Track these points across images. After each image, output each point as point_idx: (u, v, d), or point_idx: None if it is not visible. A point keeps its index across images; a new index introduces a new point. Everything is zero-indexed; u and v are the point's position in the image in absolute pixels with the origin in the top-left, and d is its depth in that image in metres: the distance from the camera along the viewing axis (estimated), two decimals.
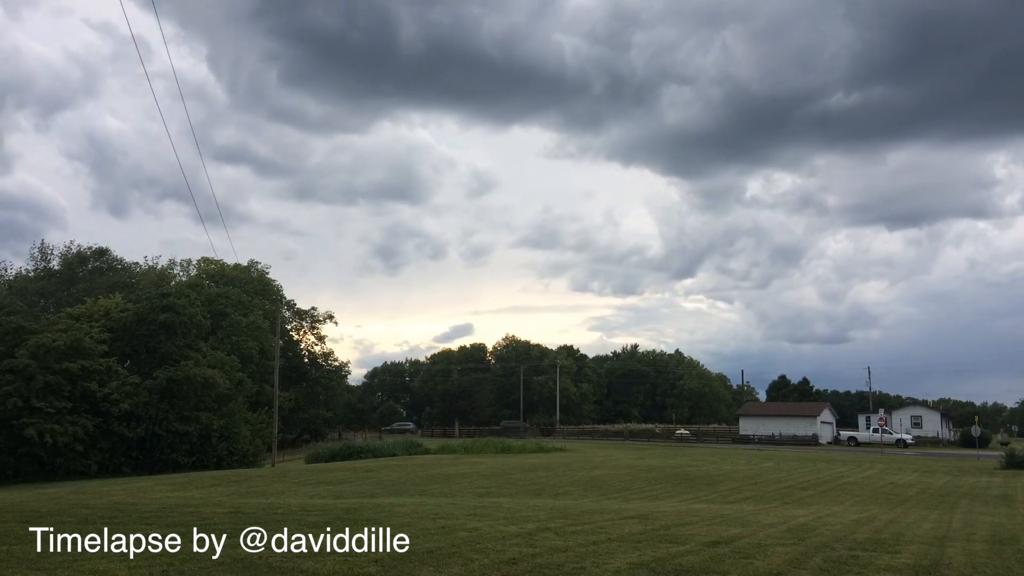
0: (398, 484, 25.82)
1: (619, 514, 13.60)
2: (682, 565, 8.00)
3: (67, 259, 66.45)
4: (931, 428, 75.18)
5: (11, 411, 37.48)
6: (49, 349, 39.17)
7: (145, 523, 10.81)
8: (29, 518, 11.26)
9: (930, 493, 25.11)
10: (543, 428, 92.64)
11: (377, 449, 47.62)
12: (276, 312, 64.08)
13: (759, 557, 8.71)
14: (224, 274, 70.06)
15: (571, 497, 21.10)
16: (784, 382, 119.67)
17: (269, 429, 50.24)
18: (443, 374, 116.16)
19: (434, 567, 7.47)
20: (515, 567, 7.62)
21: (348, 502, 16.38)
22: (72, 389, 39.45)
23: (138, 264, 71.95)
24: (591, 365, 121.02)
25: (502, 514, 12.86)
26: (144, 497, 19.10)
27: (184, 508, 13.59)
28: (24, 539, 8.82)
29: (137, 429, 41.50)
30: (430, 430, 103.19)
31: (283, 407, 59.15)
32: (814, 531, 11.60)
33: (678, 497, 21.93)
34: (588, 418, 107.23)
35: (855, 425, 77.47)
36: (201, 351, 47.57)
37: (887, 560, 8.86)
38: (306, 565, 7.36)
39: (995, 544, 11.19)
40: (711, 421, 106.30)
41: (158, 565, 7.20)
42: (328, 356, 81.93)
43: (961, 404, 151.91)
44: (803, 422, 72.87)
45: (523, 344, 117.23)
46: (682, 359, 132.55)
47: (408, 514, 12.40)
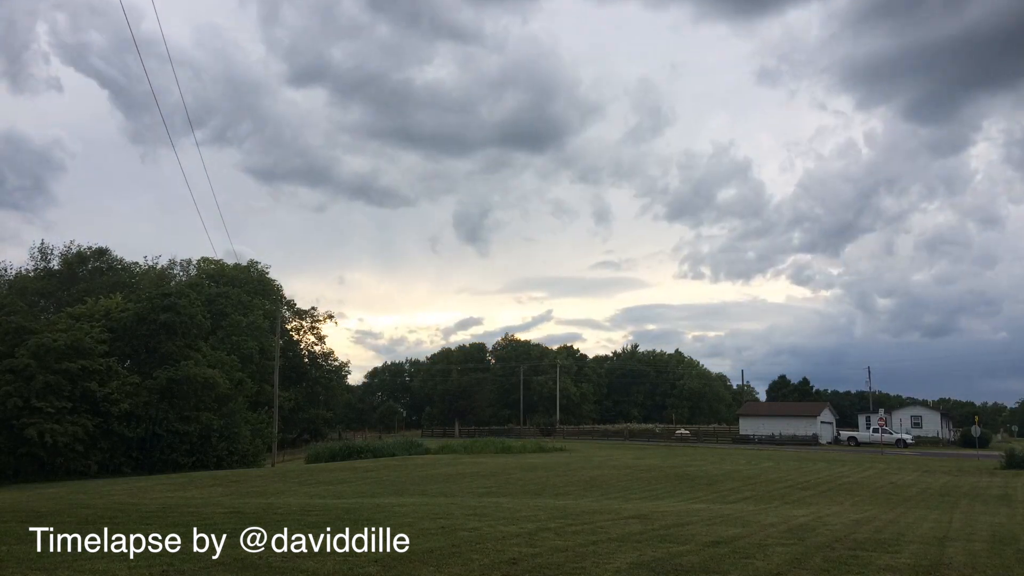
0: (398, 484, 25.83)
1: (619, 514, 13.59)
2: (682, 565, 7.99)
3: (67, 259, 66.40)
4: (931, 428, 75.18)
5: (11, 411, 37.49)
6: (49, 349, 39.18)
7: (145, 523, 10.81)
8: (29, 518, 11.25)
9: (930, 493, 25.10)
10: (543, 428, 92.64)
11: (377, 449, 47.64)
12: (276, 312, 64.12)
13: (759, 557, 8.71)
14: (224, 274, 70.06)
15: (571, 497, 21.10)
16: (784, 382, 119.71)
17: (269, 429, 50.25)
18: (443, 374, 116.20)
19: (434, 567, 7.46)
20: (515, 567, 7.62)
21: (348, 502, 16.39)
22: (72, 389, 39.45)
23: (138, 264, 71.92)
24: (591, 365, 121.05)
25: (502, 514, 12.86)
26: (144, 497, 19.11)
27: (184, 508, 13.59)
28: (24, 539, 8.82)
29: (137, 429, 41.51)
30: (430, 430, 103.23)
31: (283, 407, 59.16)
32: (814, 531, 11.59)
33: (678, 497, 21.92)
34: (588, 418, 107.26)
35: (855, 425, 77.47)
36: (201, 351, 47.58)
37: (887, 560, 8.86)
38: (306, 565, 7.35)
39: (995, 544, 11.19)
40: (711, 421, 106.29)
41: (158, 565, 7.20)
42: (328, 356, 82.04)
43: (961, 404, 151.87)
44: (803, 422, 72.87)
45: (523, 344, 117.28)
46: (682, 359, 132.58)
47: (408, 514, 12.40)
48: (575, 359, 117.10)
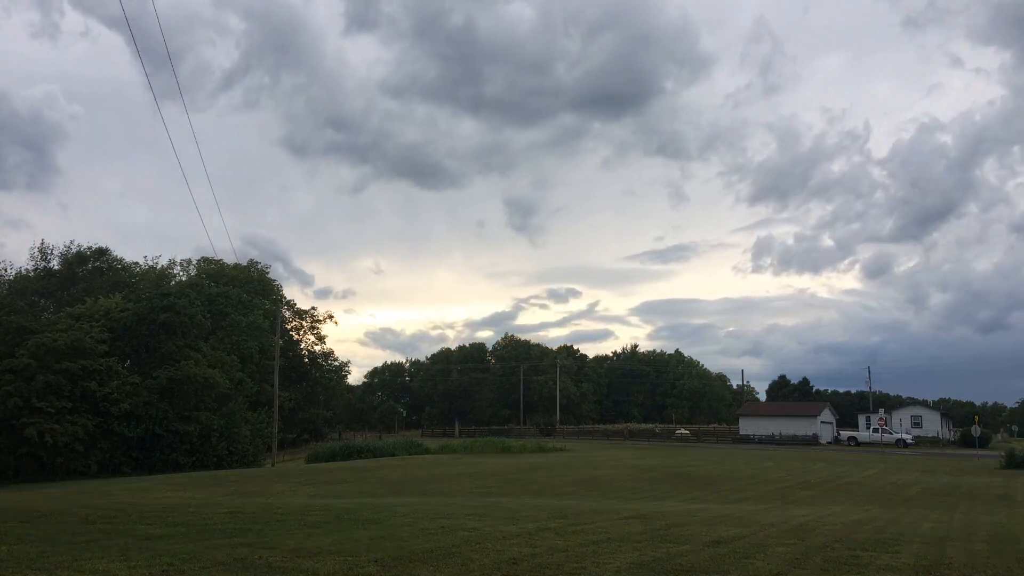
0: (398, 484, 25.85)
1: (619, 514, 13.60)
2: (682, 565, 7.99)
3: (67, 259, 66.33)
4: (931, 428, 75.18)
5: (11, 411, 37.49)
6: (49, 349, 39.18)
7: (145, 523, 10.82)
8: (29, 518, 11.27)
9: (930, 493, 25.11)
10: (543, 428, 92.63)
11: (377, 449, 47.67)
12: (276, 312, 64.14)
13: (759, 557, 8.70)
14: (224, 274, 70.06)
15: (571, 497, 21.10)
16: (784, 382, 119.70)
17: (269, 429, 50.25)
18: (443, 374, 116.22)
19: (434, 567, 7.46)
20: (515, 567, 7.61)
21: (348, 502, 16.40)
22: (72, 389, 39.44)
23: (138, 264, 71.88)
24: (591, 365, 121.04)
25: (502, 514, 12.87)
26: (144, 497, 19.12)
27: (184, 508, 13.60)
28: (24, 539, 8.83)
29: (137, 429, 41.50)
30: (430, 430, 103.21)
31: (283, 407, 59.14)
32: (814, 531, 11.59)
33: (678, 497, 21.92)
34: (588, 418, 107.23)
35: (855, 425, 77.46)
36: (201, 351, 47.56)
37: (887, 560, 8.85)
38: (306, 565, 7.35)
39: (995, 544, 11.18)
40: (711, 421, 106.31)
41: (158, 565, 7.20)
42: (328, 356, 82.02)
43: (961, 404, 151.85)
44: (803, 422, 72.87)
45: (523, 343, 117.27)
46: (682, 359, 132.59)
47: (408, 514, 12.41)
48: (575, 359, 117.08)
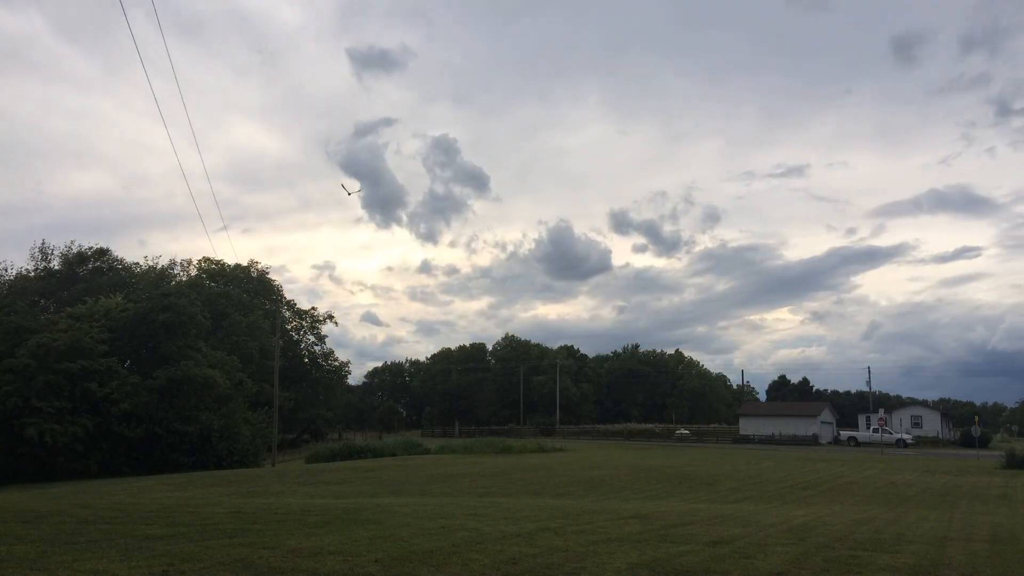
0: (398, 484, 25.84)
1: (619, 514, 13.60)
2: (682, 565, 7.99)
3: (67, 259, 66.45)
4: (931, 428, 75.20)
5: (11, 411, 37.48)
6: (49, 349, 39.16)
7: (145, 523, 10.82)
8: (29, 518, 11.27)
9: (930, 493, 25.11)
10: (543, 428, 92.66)
11: (377, 449, 47.69)
12: (276, 312, 64.17)
13: (759, 557, 8.70)
14: (224, 274, 70.16)
15: (571, 497, 21.10)
16: (784, 382, 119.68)
17: (269, 429, 50.24)
18: (443, 374, 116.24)
19: (434, 567, 7.46)
20: (515, 567, 7.61)
21: (348, 502, 16.39)
22: (72, 389, 39.44)
23: (138, 264, 72.02)
24: (591, 365, 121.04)
25: (502, 514, 12.87)
26: (144, 497, 19.11)
27: (184, 508, 13.60)
28: (24, 539, 8.82)
29: (137, 429, 41.47)
30: (430, 430, 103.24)
31: (283, 407, 59.16)
32: (814, 531, 11.60)
33: (678, 497, 21.92)
34: (588, 418, 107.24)
35: (855, 425, 77.49)
36: (201, 351, 47.55)
37: (887, 560, 8.86)
38: (306, 565, 7.35)
39: (995, 544, 11.19)
40: (711, 421, 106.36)
41: (158, 565, 7.19)
42: (328, 356, 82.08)
43: (961, 404, 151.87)
44: (803, 422, 72.89)
45: (523, 344, 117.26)
46: (682, 359, 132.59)
47: (408, 514, 12.41)
48: (575, 359, 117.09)
